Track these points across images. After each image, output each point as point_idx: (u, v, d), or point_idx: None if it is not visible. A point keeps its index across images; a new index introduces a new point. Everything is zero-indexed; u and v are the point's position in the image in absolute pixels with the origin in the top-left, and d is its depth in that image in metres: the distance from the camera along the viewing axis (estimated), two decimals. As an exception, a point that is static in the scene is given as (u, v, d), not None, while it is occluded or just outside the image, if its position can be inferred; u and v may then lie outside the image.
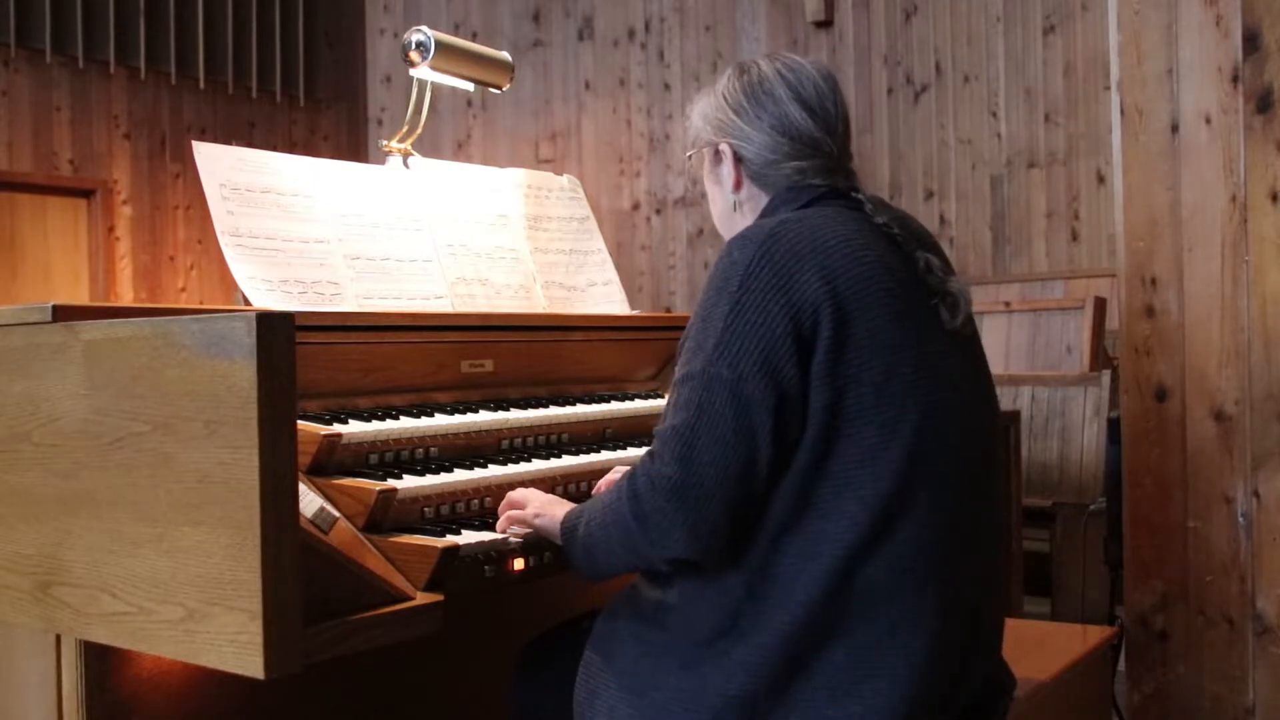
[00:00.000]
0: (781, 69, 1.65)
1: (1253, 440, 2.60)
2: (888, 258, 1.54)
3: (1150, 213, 2.75)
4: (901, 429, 1.45)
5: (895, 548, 1.44)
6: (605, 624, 1.65)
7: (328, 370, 1.87)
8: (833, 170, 1.64)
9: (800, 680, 1.44)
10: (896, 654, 1.44)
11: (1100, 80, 6.52)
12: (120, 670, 1.59)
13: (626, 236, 8.19)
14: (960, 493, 1.51)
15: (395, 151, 2.38)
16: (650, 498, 1.46)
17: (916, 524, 1.45)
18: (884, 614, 1.44)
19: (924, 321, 1.53)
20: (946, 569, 1.48)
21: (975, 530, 1.55)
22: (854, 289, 1.46)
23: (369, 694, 1.96)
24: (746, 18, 7.96)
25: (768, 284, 1.45)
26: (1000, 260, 7.10)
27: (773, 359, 1.42)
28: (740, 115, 1.64)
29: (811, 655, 1.44)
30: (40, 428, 1.51)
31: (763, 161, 1.64)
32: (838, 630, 1.44)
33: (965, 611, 1.52)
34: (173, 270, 7.74)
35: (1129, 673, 2.81)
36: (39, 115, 7.17)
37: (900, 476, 1.44)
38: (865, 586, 1.44)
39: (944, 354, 1.54)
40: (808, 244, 1.48)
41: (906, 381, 1.46)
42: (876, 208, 1.61)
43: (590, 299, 2.53)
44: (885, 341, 1.46)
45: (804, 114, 1.62)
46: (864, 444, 1.44)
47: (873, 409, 1.44)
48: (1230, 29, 2.63)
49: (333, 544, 1.49)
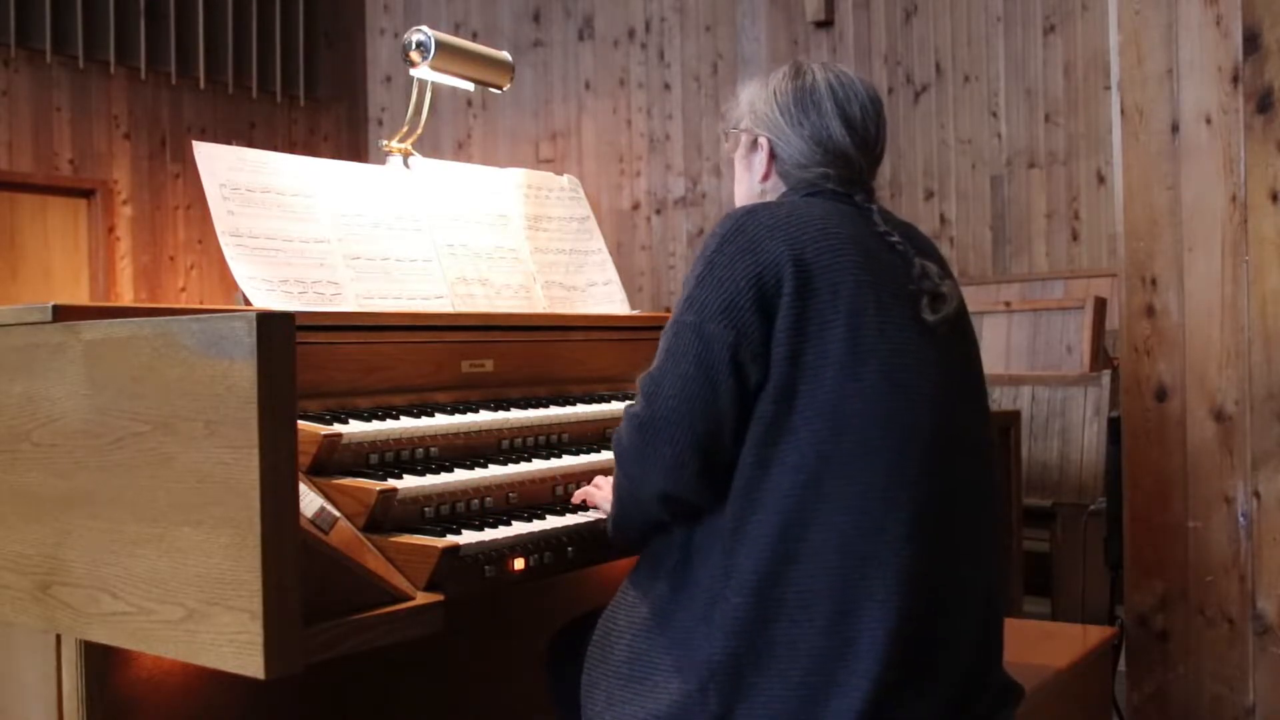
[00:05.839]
0: (834, 82, 1.70)
1: (1253, 440, 2.60)
2: (868, 242, 1.60)
3: (1150, 213, 2.75)
4: (862, 386, 1.50)
5: (830, 513, 1.48)
6: (602, 624, 1.68)
7: (328, 370, 1.87)
8: (854, 182, 1.70)
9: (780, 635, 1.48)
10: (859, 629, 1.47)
11: (1100, 80, 6.52)
12: (120, 670, 1.59)
13: (626, 236, 8.19)
14: (925, 475, 1.52)
15: (395, 151, 2.38)
16: (627, 436, 1.59)
17: (850, 491, 1.48)
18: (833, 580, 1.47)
19: (896, 305, 1.57)
20: (899, 543, 1.48)
21: (945, 519, 1.55)
22: (821, 258, 1.53)
23: (369, 694, 1.96)
24: (746, 18, 7.96)
25: (739, 248, 1.54)
26: (1000, 260, 7.10)
27: (734, 305, 1.51)
28: (785, 117, 1.70)
29: (781, 616, 1.47)
30: (40, 428, 1.51)
31: (794, 163, 1.71)
32: (790, 592, 1.47)
33: (929, 598, 1.51)
34: (173, 270, 7.74)
35: (1129, 673, 2.81)
36: (39, 115, 7.16)
37: (850, 438, 1.48)
38: (810, 550, 1.47)
39: (914, 340, 1.57)
40: (783, 219, 1.57)
41: (868, 346, 1.51)
42: (883, 219, 1.67)
43: (590, 299, 2.53)
44: (849, 305, 1.52)
45: (844, 131, 1.69)
46: (820, 399, 1.49)
47: (835, 365, 1.50)
48: (1230, 29, 2.63)
49: (333, 544, 1.49)
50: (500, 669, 2.17)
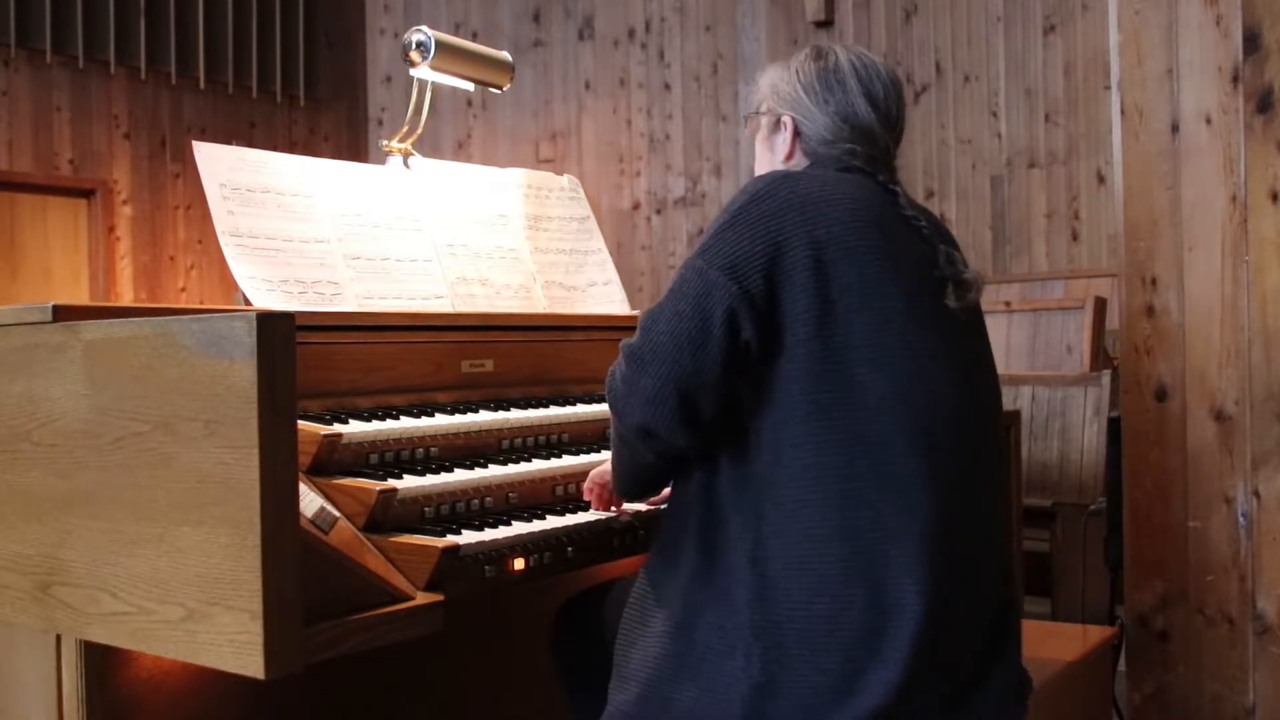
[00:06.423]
0: (856, 63, 1.72)
1: (1253, 440, 2.60)
2: (894, 226, 1.61)
3: (1150, 213, 2.75)
4: (891, 371, 1.51)
5: (865, 490, 1.49)
6: (639, 588, 1.67)
7: (328, 370, 1.87)
8: (878, 160, 1.71)
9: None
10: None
11: (1100, 80, 6.52)
12: (120, 670, 1.59)
13: (626, 236, 8.19)
14: (951, 456, 1.54)
15: (395, 151, 2.38)
16: (619, 368, 1.60)
17: (885, 471, 1.50)
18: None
19: (920, 289, 1.58)
20: (931, 519, 1.50)
21: (970, 496, 1.57)
22: (848, 239, 1.54)
23: (369, 694, 1.96)
24: (746, 18, 7.96)
25: (764, 212, 1.55)
26: (1000, 260, 7.10)
27: (745, 264, 1.52)
28: (809, 95, 1.72)
29: (825, 591, 1.48)
30: (40, 428, 1.51)
31: (819, 140, 1.71)
32: (834, 567, 1.48)
33: (957, 574, 1.52)
34: (173, 270, 7.74)
35: (1129, 673, 2.81)
36: (39, 115, 7.16)
37: (881, 421, 1.50)
38: (850, 527, 1.48)
39: (938, 322, 1.59)
40: (815, 192, 1.57)
41: (894, 331, 1.53)
42: (908, 201, 1.68)
43: (590, 299, 2.53)
44: (877, 290, 1.53)
45: (869, 108, 1.70)
46: (854, 380, 1.50)
47: (861, 348, 1.50)
48: (1230, 29, 2.63)
49: (333, 544, 1.49)
50: (500, 669, 2.17)
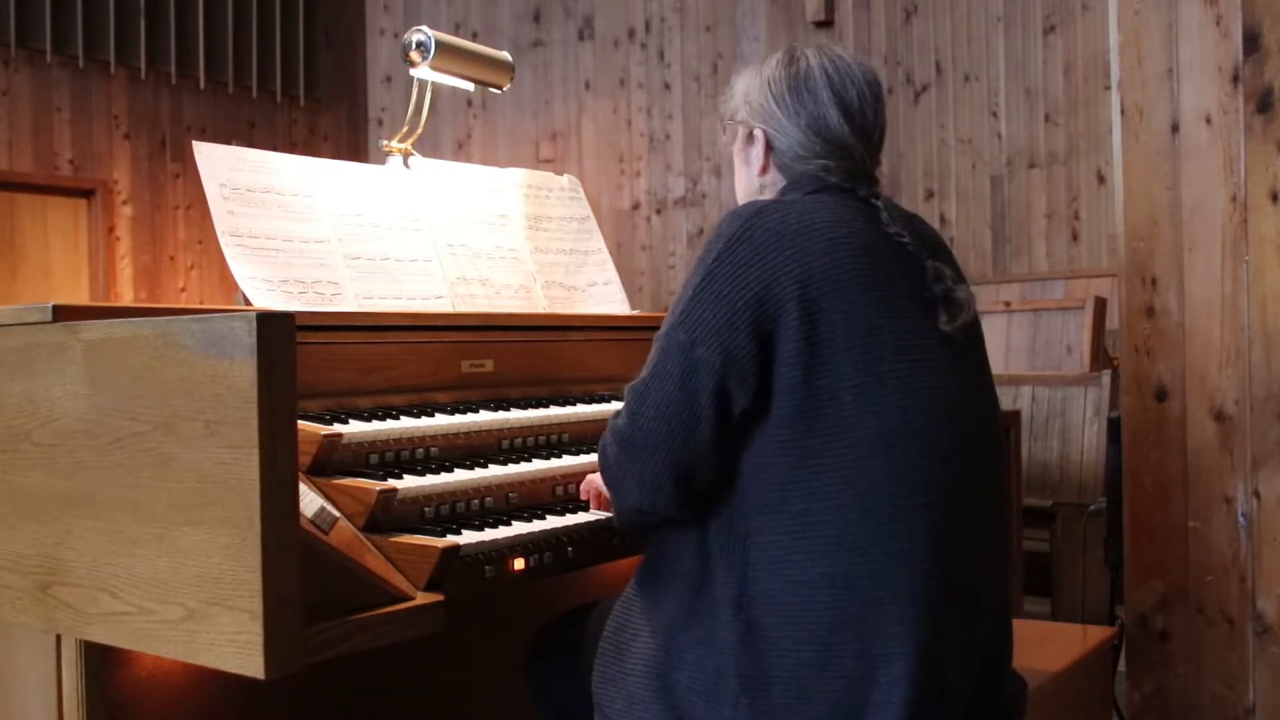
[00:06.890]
0: (829, 67, 1.65)
1: (1253, 440, 2.60)
2: (878, 247, 1.55)
3: (1150, 213, 2.75)
4: (883, 408, 1.46)
5: (858, 538, 1.45)
6: (615, 620, 1.65)
7: (328, 370, 1.87)
8: (856, 174, 1.65)
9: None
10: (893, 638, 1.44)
11: (1100, 80, 6.52)
12: (120, 670, 1.59)
13: (626, 236, 8.19)
14: (948, 492, 1.50)
15: (395, 151, 2.38)
16: (610, 449, 1.58)
17: (880, 514, 1.45)
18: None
19: (912, 314, 1.53)
20: (925, 563, 1.46)
21: (968, 533, 1.53)
22: (831, 274, 1.47)
23: (369, 694, 1.96)
24: (746, 18, 7.96)
25: (741, 260, 1.48)
26: (1000, 260, 7.11)
27: (728, 329, 1.46)
28: (780, 107, 1.65)
29: (814, 640, 1.45)
30: (40, 428, 1.51)
31: (792, 155, 1.66)
32: (825, 615, 1.44)
33: (950, 618, 1.49)
34: (173, 270, 7.74)
35: (1129, 673, 2.81)
36: (39, 115, 7.16)
37: (874, 462, 1.45)
38: (840, 576, 1.44)
39: (931, 349, 1.53)
40: (792, 225, 1.50)
41: (886, 365, 1.47)
42: (891, 215, 1.61)
43: (590, 299, 2.53)
44: (864, 324, 1.47)
45: (841, 118, 1.63)
46: (841, 423, 1.45)
47: (852, 388, 1.45)
48: (1230, 29, 2.62)
49: (333, 544, 1.49)
50: (500, 669, 2.17)
